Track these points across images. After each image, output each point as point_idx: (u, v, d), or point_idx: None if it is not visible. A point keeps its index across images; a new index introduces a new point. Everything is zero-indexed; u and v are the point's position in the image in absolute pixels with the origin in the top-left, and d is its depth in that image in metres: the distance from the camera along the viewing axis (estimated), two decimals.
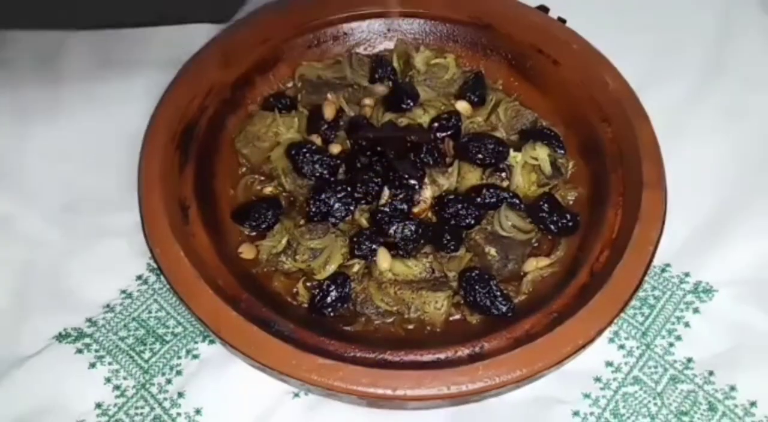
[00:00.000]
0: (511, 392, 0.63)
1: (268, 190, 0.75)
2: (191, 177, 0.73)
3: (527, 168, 0.75)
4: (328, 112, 0.77)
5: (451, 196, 0.71)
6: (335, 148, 0.75)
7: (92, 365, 0.68)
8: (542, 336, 0.61)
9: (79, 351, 0.69)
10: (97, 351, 0.69)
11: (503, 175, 0.74)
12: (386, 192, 0.71)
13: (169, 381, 0.67)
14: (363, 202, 0.72)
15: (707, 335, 0.70)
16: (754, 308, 0.72)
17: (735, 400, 0.67)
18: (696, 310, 0.72)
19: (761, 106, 0.85)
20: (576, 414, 0.66)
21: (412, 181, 0.71)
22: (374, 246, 0.69)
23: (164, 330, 0.70)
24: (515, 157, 0.74)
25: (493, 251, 0.69)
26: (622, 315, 0.65)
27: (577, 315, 0.62)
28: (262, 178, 0.76)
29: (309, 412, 0.66)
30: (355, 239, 0.69)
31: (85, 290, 0.72)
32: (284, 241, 0.70)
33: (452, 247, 0.70)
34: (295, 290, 0.69)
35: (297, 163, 0.73)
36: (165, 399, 0.67)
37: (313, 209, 0.71)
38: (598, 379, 0.68)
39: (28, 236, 0.74)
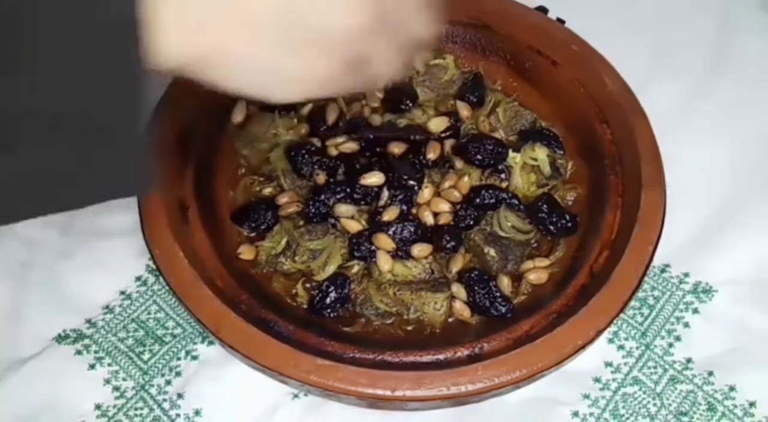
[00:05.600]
0: (510, 392, 0.63)
1: (268, 191, 0.75)
2: (191, 177, 0.72)
3: (526, 168, 0.75)
4: (331, 117, 0.77)
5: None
6: (334, 149, 0.75)
7: (91, 366, 0.68)
8: (542, 337, 0.61)
9: (79, 352, 0.69)
10: (96, 352, 0.69)
11: (502, 175, 0.74)
12: (386, 192, 0.71)
13: (168, 383, 0.68)
14: (362, 202, 0.72)
15: (707, 335, 0.70)
16: (754, 308, 0.72)
17: (734, 401, 0.67)
18: (695, 311, 0.72)
19: (761, 105, 0.85)
20: (575, 414, 0.66)
21: (412, 182, 0.71)
22: (374, 248, 0.69)
23: (163, 331, 0.70)
24: (514, 158, 0.74)
25: (492, 252, 0.69)
26: (622, 315, 0.65)
27: (576, 315, 0.62)
28: (262, 179, 0.76)
29: (308, 413, 0.66)
30: (354, 240, 0.69)
31: (84, 291, 0.71)
32: (283, 242, 0.70)
33: (452, 248, 0.70)
34: (294, 291, 0.69)
35: (296, 164, 0.73)
36: (164, 400, 0.67)
37: (313, 210, 0.71)
38: (597, 380, 0.68)
39: (26, 236, 0.74)
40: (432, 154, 0.74)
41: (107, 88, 0.42)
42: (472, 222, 0.71)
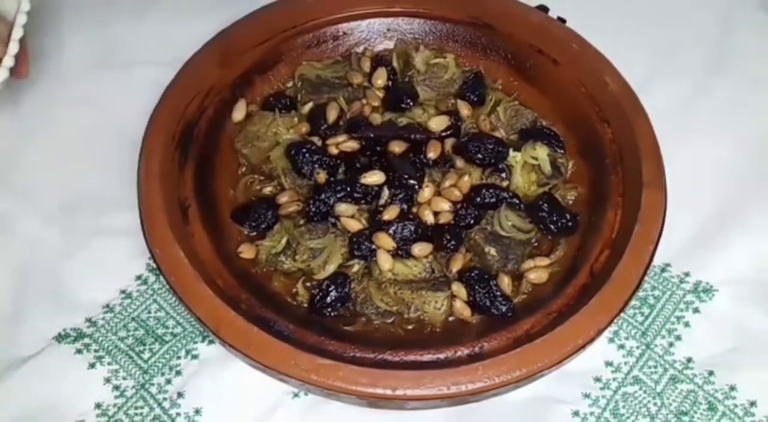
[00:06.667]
0: (511, 392, 0.63)
1: (268, 190, 0.75)
2: (191, 177, 0.73)
3: (527, 168, 0.75)
4: (332, 115, 0.77)
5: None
6: (335, 148, 0.75)
7: (92, 365, 0.68)
8: (542, 336, 0.61)
9: (79, 351, 0.69)
10: (96, 351, 0.69)
11: (503, 174, 0.74)
12: (386, 192, 0.71)
13: (168, 382, 0.67)
14: (363, 201, 0.72)
15: (707, 335, 0.70)
16: (754, 308, 0.72)
17: (735, 400, 0.67)
18: (696, 310, 0.72)
19: (761, 106, 0.85)
20: (576, 414, 0.66)
21: (412, 181, 0.71)
22: (374, 247, 0.69)
23: (164, 330, 0.70)
24: (515, 157, 0.74)
25: (493, 251, 0.69)
26: (622, 315, 0.65)
27: (577, 315, 0.62)
28: (262, 178, 0.76)
29: (309, 412, 0.66)
30: (354, 239, 0.69)
31: (85, 290, 0.72)
32: (284, 241, 0.70)
33: (452, 247, 0.70)
34: (294, 290, 0.69)
35: (297, 163, 0.73)
36: (164, 399, 0.67)
37: (313, 209, 0.71)
38: (598, 379, 0.68)
39: (27, 236, 0.74)
40: (432, 153, 0.74)
41: None
42: (472, 222, 0.71)
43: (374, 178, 0.71)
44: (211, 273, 0.66)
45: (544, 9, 0.82)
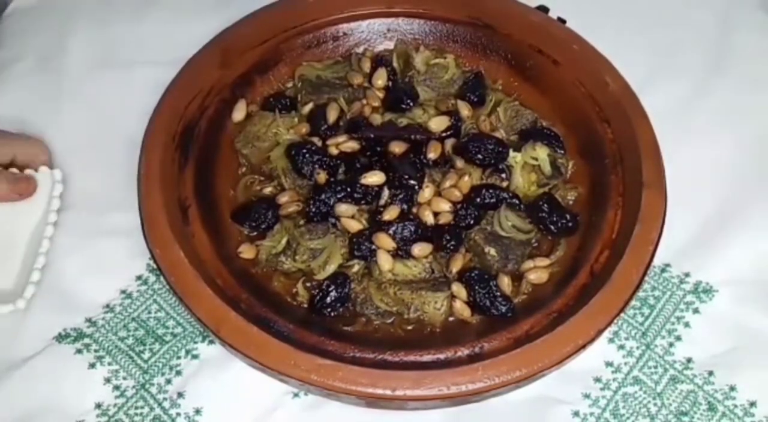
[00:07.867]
0: (511, 392, 0.63)
1: (268, 190, 0.75)
2: (191, 177, 0.73)
3: (527, 168, 0.75)
4: (332, 116, 0.77)
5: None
6: (335, 149, 0.75)
7: (92, 365, 0.68)
8: (542, 337, 0.61)
9: (79, 351, 0.69)
10: (96, 351, 0.69)
11: (503, 175, 0.74)
12: (386, 192, 0.71)
13: (168, 382, 0.67)
14: (363, 201, 0.72)
15: (707, 335, 0.70)
16: (754, 308, 0.72)
17: (735, 400, 0.67)
18: (696, 310, 0.72)
19: (761, 106, 0.85)
20: (576, 414, 0.66)
21: (412, 181, 0.71)
22: (374, 247, 0.69)
23: (164, 330, 0.70)
24: (515, 157, 0.74)
25: (492, 251, 0.69)
26: (622, 315, 0.65)
27: (577, 315, 0.62)
28: (262, 178, 0.76)
29: (309, 412, 0.66)
30: (355, 239, 0.69)
31: (85, 290, 0.71)
32: (284, 241, 0.70)
33: (452, 247, 0.70)
34: (294, 290, 0.69)
35: (297, 164, 0.73)
36: (165, 399, 0.67)
37: (313, 209, 0.71)
38: (598, 379, 0.68)
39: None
40: (432, 154, 0.74)
41: None
42: (472, 222, 0.71)
43: (374, 178, 0.71)
44: (211, 273, 0.66)
45: (544, 9, 0.82)
